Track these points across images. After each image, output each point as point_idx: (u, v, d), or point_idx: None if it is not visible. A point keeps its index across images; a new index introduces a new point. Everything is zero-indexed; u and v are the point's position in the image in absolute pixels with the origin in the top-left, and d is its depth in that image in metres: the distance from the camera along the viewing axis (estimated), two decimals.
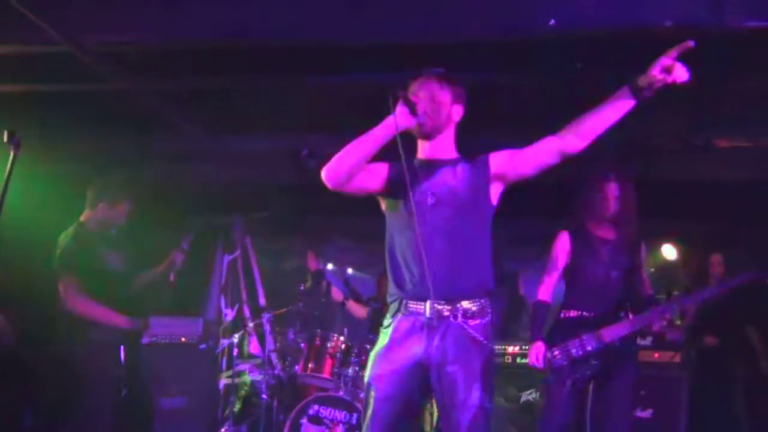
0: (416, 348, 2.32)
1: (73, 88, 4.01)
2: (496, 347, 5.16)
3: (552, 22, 3.11)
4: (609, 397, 3.38)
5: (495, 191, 2.46)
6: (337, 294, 5.38)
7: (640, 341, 4.64)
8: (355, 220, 5.25)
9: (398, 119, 2.31)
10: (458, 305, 2.32)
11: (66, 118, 4.32)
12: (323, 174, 2.35)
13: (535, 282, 3.65)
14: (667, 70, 2.18)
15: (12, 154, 2.45)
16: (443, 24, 3.32)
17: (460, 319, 2.32)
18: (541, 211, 5.03)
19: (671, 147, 4.58)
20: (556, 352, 3.35)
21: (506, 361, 5.11)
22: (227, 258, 5.98)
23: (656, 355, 4.66)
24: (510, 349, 5.13)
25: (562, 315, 3.49)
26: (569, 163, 2.53)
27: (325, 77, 3.91)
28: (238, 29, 3.34)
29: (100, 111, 4.23)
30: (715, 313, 4.78)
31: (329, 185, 2.36)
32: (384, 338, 2.39)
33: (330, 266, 5.76)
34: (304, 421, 4.49)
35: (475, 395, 2.26)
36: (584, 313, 3.43)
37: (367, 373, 2.39)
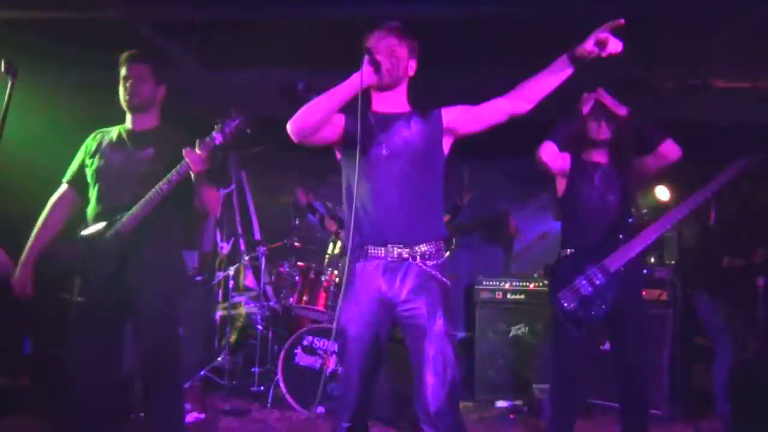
0: (380, 289, 2.46)
1: (69, 16, 3.95)
2: (488, 283, 5.28)
3: None
4: (622, 333, 3.31)
5: (446, 143, 2.61)
6: (330, 224, 5.46)
7: None
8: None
9: (364, 77, 2.38)
10: (416, 248, 2.46)
11: (61, 45, 4.26)
12: (289, 127, 2.41)
13: (529, 220, 3.64)
14: (601, 44, 2.30)
15: (10, 83, 2.45)
16: None
17: (418, 260, 2.46)
18: (533, 150, 5.05)
19: (668, 87, 4.55)
20: (566, 294, 3.23)
21: (496, 297, 5.24)
22: (222, 192, 5.99)
23: (643, 293, 4.75)
24: (500, 285, 5.24)
25: (562, 254, 3.39)
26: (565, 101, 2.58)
27: (316, 9, 3.87)
28: None
29: (95, 40, 4.16)
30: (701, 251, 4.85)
31: (294, 138, 2.42)
32: (350, 284, 2.51)
33: (328, 204, 5.76)
34: (298, 351, 4.62)
35: (439, 322, 2.40)
36: (584, 245, 3.33)
37: (339, 318, 2.51)
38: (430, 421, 2.36)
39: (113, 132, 3.14)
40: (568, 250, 3.38)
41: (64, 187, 3.17)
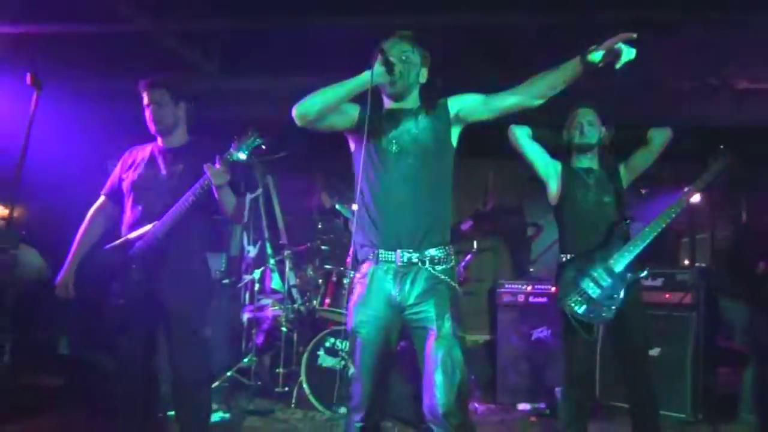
0: (390, 293, 2.51)
1: (93, 29, 4.10)
2: (510, 287, 5.29)
3: None
4: (625, 334, 3.34)
5: (454, 133, 2.63)
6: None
7: (650, 282, 4.73)
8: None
9: (374, 76, 2.44)
10: (425, 252, 2.50)
11: (86, 58, 4.41)
12: (294, 111, 2.49)
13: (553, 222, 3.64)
14: (615, 54, 2.35)
15: (35, 95, 2.58)
16: None
17: (427, 264, 2.50)
18: (558, 154, 5.06)
19: (688, 88, 4.52)
20: (575, 298, 3.25)
21: (519, 300, 5.24)
22: (249, 196, 6.10)
23: (667, 295, 4.73)
24: (523, 288, 5.25)
25: (562, 259, 3.41)
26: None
27: (335, 20, 3.95)
28: None
29: (119, 51, 4.32)
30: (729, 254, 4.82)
31: (298, 122, 2.50)
32: (360, 288, 2.58)
33: (354, 206, 5.83)
34: (321, 352, 4.70)
35: (447, 325, 2.45)
36: (584, 248, 3.35)
37: (350, 322, 2.58)
38: (438, 421, 2.41)
39: (147, 149, 3.33)
40: (568, 255, 3.40)
41: (102, 198, 3.40)
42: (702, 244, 6.68)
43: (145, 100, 3.22)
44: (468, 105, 2.61)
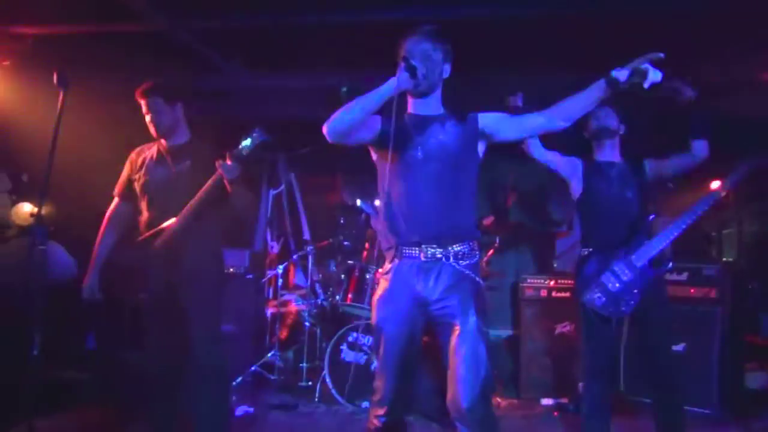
0: (415, 289, 2.53)
1: (116, 29, 4.16)
2: (533, 281, 5.27)
3: None
4: (647, 329, 3.33)
5: (481, 147, 2.66)
6: (377, 224, 5.54)
7: (675, 276, 4.69)
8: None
9: (400, 82, 2.44)
10: (449, 248, 2.52)
11: (109, 58, 4.47)
12: (324, 129, 2.48)
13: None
14: (641, 74, 2.37)
15: (61, 94, 2.63)
16: None
17: (451, 260, 2.52)
18: (579, 153, 5.03)
19: (715, 81, 4.45)
20: (595, 291, 3.26)
21: (541, 295, 5.23)
22: (272, 192, 6.15)
23: (692, 290, 4.69)
24: (546, 282, 5.23)
25: (583, 253, 3.40)
26: None
27: (359, 16, 3.96)
28: None
29: (142, 51, 4.37)
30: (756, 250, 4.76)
31: (329, 139, 2.49)
32: (384, 283, 2.60)
33: (377, 202, 5.87)
34: (344, 347, 4.73)
35: (472, 320, 2.46)
36: (606, 242, 3.33)
37: (374, 317, 2.61)
38: (461, 416, 2.42)
39: (153, 148, 3.47)
40: (590, 249, 3.39)
41: (115, 200, 3.54)
42: (729, 239, 6.60)
43: (143, 108, 3.36)
44: (496, 123, 2.63)
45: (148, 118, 3.34)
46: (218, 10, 4.00)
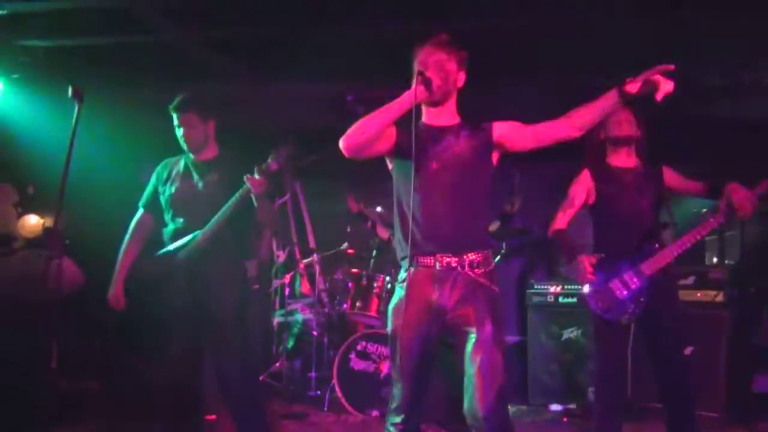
0: (430, 298, 2.53)
1: (125, 41, 4.19)
2: (540, 287, 5.29)
3: None
4: (660, 337, 3.29)
5: (495, 157, 2.66)
6: (382, 232, 5.54)
7: (682, 280, 4.71)
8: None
9: (415, 96, 2.45)
10: (464, 257, 2.52)
11: (118, 69, 4.50)
12: (341, 143, 2.48)
13: (581, 225, 3.61)
14: (653, 85, 2.37)
15: (77, 107, 2.65)
16: None
17: (466, 269, 2.52)
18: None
19: (719, 85, 4.49)
20: (600, 295, 3.27)
21: (548, 300, 5.24)
22: (278, 201, 6.15)
23: (698, 294, 4.71)
24: (552, 288, 5.25)
25: (595, 258, 3.32)
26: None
27: (363, 25, 3.99)
28: None
29: (150, 61, 4.40)
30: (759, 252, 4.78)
31: (347, 154, 2.49)
32: (400, 291, 2.59)
33: (378, 209, 5.89)
34: (352, 356, 4.74)
35: (488, 328, 2.47)
36: (618, 249, 3.32)
37: (390, 325, 2.61)
38: (479, 424, 2.42)
39: (180, 162, 3.47)
40: (604, 253, 3.37)
41: (140, 211, 3.54)
42: (731, 241, 6.61)
43: (175, 121, 3.35)
44: (511, 133, 2.63)
45: (180, 132, 3.33)
46: (226, 19, 4.03)
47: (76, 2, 3.84)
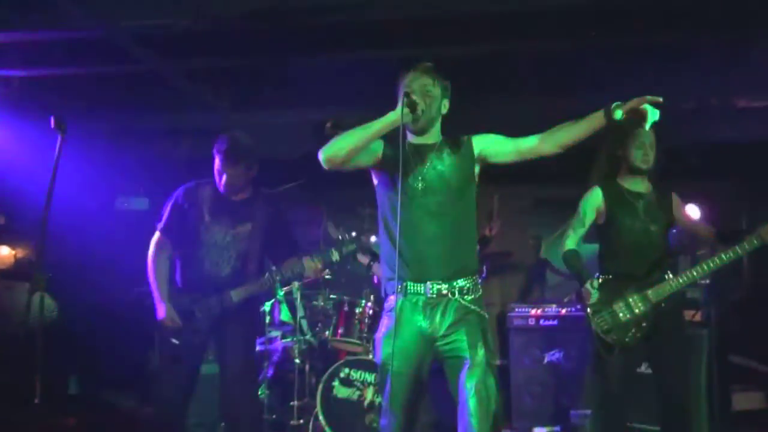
0: (421, 325, 2.53)
1: (106, 70, 4.16)
2: (521, 310, 5.30)
3: None
4: (664, 363, 3.29)
5: (476, 170, 2.67)
6: (362, 258, 5.52)
7: None
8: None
9: (400, 116, 2.47)
10: (454, 283, 2.52)
11: (101, 98, 4.47)
12: (320, 155, 2.50)
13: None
14: (639, 115, 2.38)
15: (60, 138, 2.61)
16: None
17: (457, 295, 2.52)
18: (564, 176, 5.08)
19: (690, 107, 4.59)
20: (603, 317, 3.25)
21: (529, 323, 5.25)
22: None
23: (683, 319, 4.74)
24: (533, 311, 5.26)
25: (601, 279, 3.36)
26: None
27: (343, 54, 4.02)
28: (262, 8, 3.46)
29: (131, 91, 4.37)
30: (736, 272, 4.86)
31: (325, 165, 2.51)
32: (388, 320, 2.58)
33: (353, 234, 5.89)
34: (335, 383, 4.69)
35: (480, 353, 2.47)
36: (625, 273, 3.32)
37: (378, 354, 2.59)
38: None
39: (206, 193, 3.42)
40: (608, 275, 3.36)
41: (157, 234, 3.50)
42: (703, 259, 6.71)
43: (220, 165, 3.32)
44: (491, 146, 2.65)
45: (222, 177, 3.31)
46: (206, 49, 4.03)
47: (52, 33, 3.80)
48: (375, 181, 2.72)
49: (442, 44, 3.95)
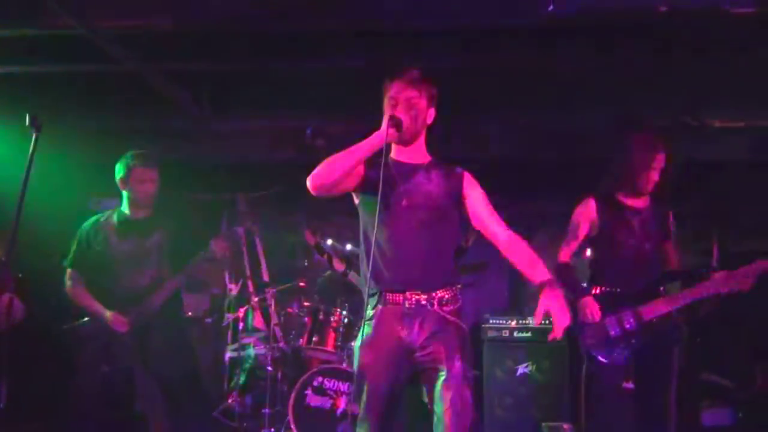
0: (399, 335, 2.51)
1: (85, 70, 4.12)
2: (495, 321, 5.32)
3: (550, 8, 3.19)
4: (646, 382, 3.28)
5: (459, 204, 2.65)
6: (338, 265, 5.49)
7: None
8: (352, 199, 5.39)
9: (385, 137, 2.46)
10: (433, 294, 2.52)
11: (77, 98, 4.42)
12: (309, 183, 2.48)
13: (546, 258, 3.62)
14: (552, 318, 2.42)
15: (34, 136, 2.56)
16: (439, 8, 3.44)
17: (435, 306, 2.51)
18: (552, 191, 5.10)
19: (666, 127, 4.66)
20: (591, 331, 3.22)
21: (503, 335, 5.27)
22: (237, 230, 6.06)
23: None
24: (507, 323, 5.28)
25: (592, 291, 3.33)
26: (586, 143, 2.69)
27: (322, 61, 4.03)
28: (240, 15, 3.48)
29: (110, 92, 4.33)
30: None
31: (314, 193, 2.49)
32: (368, 329, 2.56)
33: (330, 242, 5.88)
34: (308, 392, 4.65)
35: (457, 365, 2.46)
36: (617, 288, 3.28)
37: (356, 363, 2.56)
38: None
39: (111, 220, 3.63)
40: (598, 289, 3.33)
41: (70, 271, 3.67)
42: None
43: (144, 175, 3.58)
44: (474, 200, 2.64)
45: (146, 186, 3.52)
46: (186, 52, 4.00)
47: (28, 30, 3.75)
48: (356, 201, 2.68)
49: (421, 53, 3.96)
